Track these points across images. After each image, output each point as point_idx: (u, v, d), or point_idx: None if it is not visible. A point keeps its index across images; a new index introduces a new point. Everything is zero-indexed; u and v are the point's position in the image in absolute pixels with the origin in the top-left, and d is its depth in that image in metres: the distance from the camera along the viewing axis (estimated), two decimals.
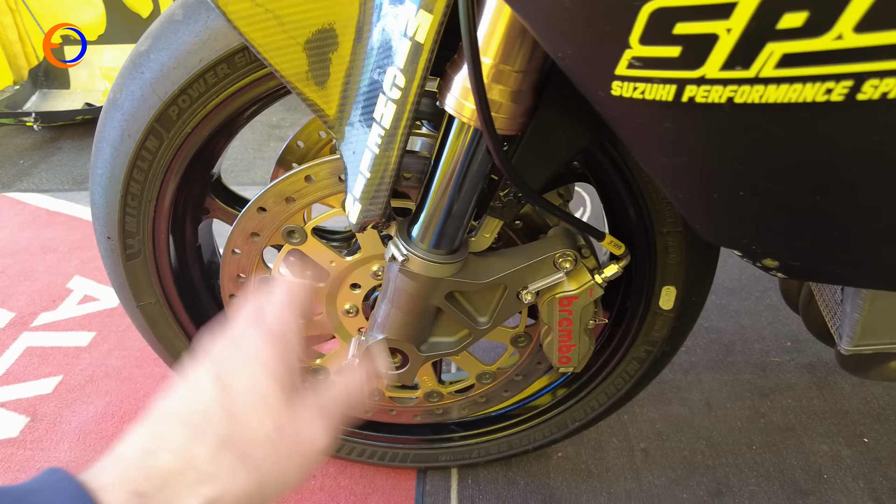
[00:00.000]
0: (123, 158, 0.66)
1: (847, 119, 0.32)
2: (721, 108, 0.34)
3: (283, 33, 0.53)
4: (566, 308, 0.65)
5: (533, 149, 0.55)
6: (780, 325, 1.30)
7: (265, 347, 0.39)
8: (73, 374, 1.21)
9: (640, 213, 0.66)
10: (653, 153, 0.40)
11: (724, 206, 0.41)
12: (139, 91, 0.63)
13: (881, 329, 0.55)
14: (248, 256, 0.70)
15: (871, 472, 1.00)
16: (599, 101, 0.38)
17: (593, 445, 1.05)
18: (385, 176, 0.54)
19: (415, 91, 0.50)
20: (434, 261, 0.58)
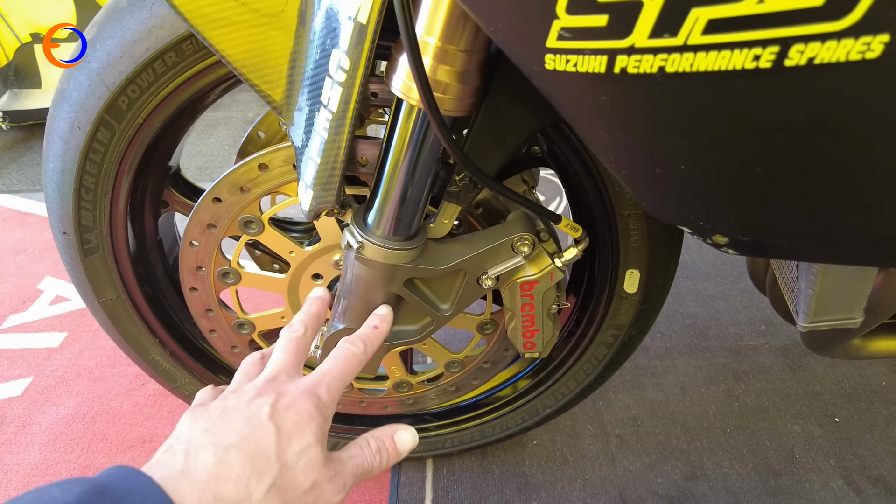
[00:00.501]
0: (74, 151, 0.65)
1: (777, 86, 0.32)
2: (653, 78, 0.33)
3: (226, 19, 0.52)
4: (527, 293, 0.65)
5: (486, 131, 0.54)
6: (755, 309, 1.31)
7: (316, 416, 0.46)
8: (44, 375, 1.19)
9: (600, 196, 0.65)
10: (592, 129, 0.39)
11: (667, 181, 0.40)
12: (87, 81, 0.61)
13: (834, 304, 0.55)
14: (206, 248, 0.69)
15: (841, 450, 1.01)
16: (536, 77, 0.38)
17: (568, 432, 1.05)
18: (336, 161, 0.54)
19: (361, 73, 0.49)
20: (390, 247, 0.57)
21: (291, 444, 0.43)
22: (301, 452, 0.43)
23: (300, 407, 0.45)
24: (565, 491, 0.96)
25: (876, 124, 0.32)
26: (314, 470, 0.44)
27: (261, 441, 0.42)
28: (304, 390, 0.47)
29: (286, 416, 0.44)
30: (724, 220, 0.43)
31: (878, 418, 1.07)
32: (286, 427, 0.44)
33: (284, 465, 0.42)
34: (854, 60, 0.29)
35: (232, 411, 0.45)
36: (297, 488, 0.43)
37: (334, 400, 0.48)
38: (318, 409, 0.46)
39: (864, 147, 0.33)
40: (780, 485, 0.97)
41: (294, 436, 0.44)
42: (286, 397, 0.46)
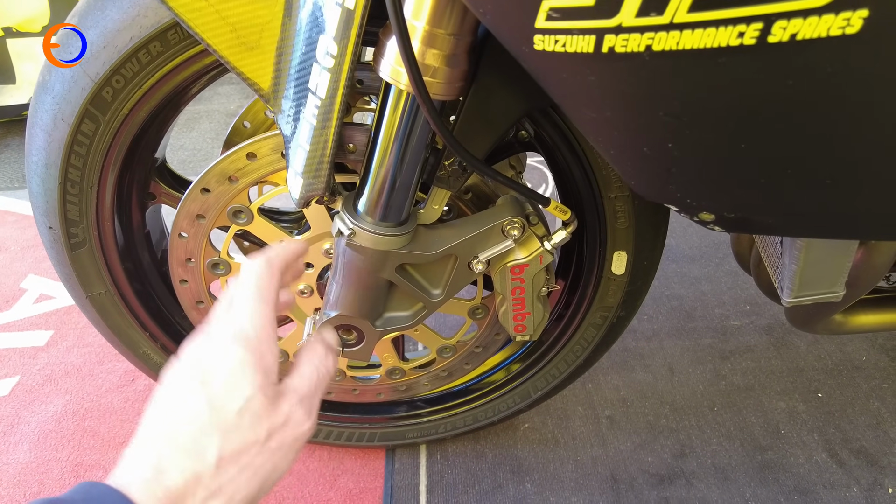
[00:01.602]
0: (59, 144, 0.64)
1: (761, 63, 0.33)
2: (641, 56, 0.34)
3: (210, 6, 0.51)
4: (518, 276, 0.65)
5: (475, 115, 0.55)
6: (739, 289, 1.33)
7: (249, 359, 0.42)
8: (31, 374, 1.18)
9: (587, 178, 0.66)
10: (581, 109, 0.40)
11: (654, 159, 0.41)
12: (69, 73, 0.60)
13: (817, 278, 0.57)
14: (195, 239, 0.69)
15: (824, 424, 1.04)
16: (525, 58, 0.38)
17: (559, 415, 1.06)
18: (325, 148, 0.54)
19: (349, 58, 0.49)
20: (381, 233, 0.57)
21: (227, 406, 0.40)
22: (241, 410, 0.40)
23: (228, 357, 0.42)
24: (557, 472, 0.97)
25: (856, 98, 0.33)
26: (263, 420, 0.41)
27: (192, 418, 0.40)
28: (229, 335, 0.43)
29: (214, 376, 0.41)
30: (711, 198, 0.44)
31: (860, 393, 1.09)
32: (216, 389, 0.40)
33: (226, 432, 0.40)
34: (835, 36, 0.30)
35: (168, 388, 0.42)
36: (253, 445, 0.41)
37: (265, 328, 0.44)
38: (248, 349, 0.42)
39: (845, 122, 0.34)
40: (766, 459, 0.99)
41: (227, 396, 0.40)
42: (212, 349, 0.42)
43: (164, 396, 0.42)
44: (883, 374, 1.13)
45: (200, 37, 0.52)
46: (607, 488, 0.95)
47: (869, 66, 0.31)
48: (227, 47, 0.53)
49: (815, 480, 0.96)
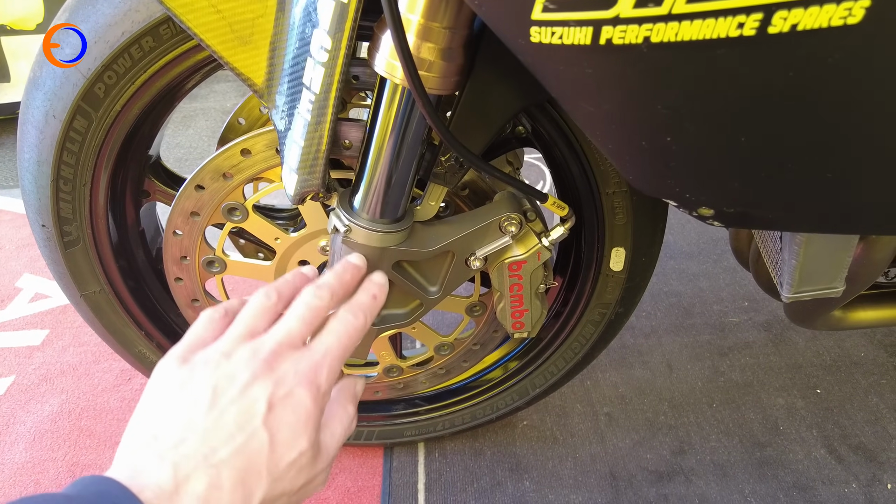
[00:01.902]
0: (50, 141, 0.63)
1: (761, 54, 0.32)
2: (639, 48, 0.33)
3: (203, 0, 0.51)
4: (516, 273, 0.65)
5: (471, 110, 0.54)
6: (738, 286, 1.33)
7: (313, 412, 0.42)
8: (26, 373, 1.17)
9: (585, 174, 0.65)
10: (578, 102, 0.39)
11: (653, 154, 0.41)
12: (60, 69, 0.60)
13: (816, 274, 0.56)
14: (189, 237, 0.68)
15: (823, 421, 1.04)
16: (521, 51, 0.38)
17: (558, 412, 1.06)
18: (320, 143, 0.53)
19: (343, 53, 0.49)
20: (377, 230, 0.57)
21: (285, 456, 0.40)
22: (293, 462, 0.41)
23: (297, 403, 0.41)
24: (556, 470, 0.97)
25: (858, 90, 0.32)
26: (304, 474, 0.42)
27: (253, 455, 0.39)
28: (305, 378, 0.42)
29: (282, 418, 0.40)
30: (710, 192, 0.43)
31: (858, 388, 1.09)
32: (281, 435, 0.40)
33: (275, 479, 0.40)
34: (836, 26, 0.30)
35: (223, 401, 0.39)
36: (286, 495, 0.41)
37: (332, 385, 0.44)
38: (316, 403, 0.42)
39: (847, 114, 0.34)
40: (765, 456, 0.99)
41: (288, 444, 0.40)
42: (284, 385, 0.41)
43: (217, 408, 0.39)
44: (881, 370, 1.13)
45: (193, 32, 0.52)
46: (606, 486, 0.95)
47: (871, 56, 0.31)
48: (220, 42, 0.52)
49: (814, 476, 0.95)
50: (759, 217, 0.45)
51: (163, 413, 0.40)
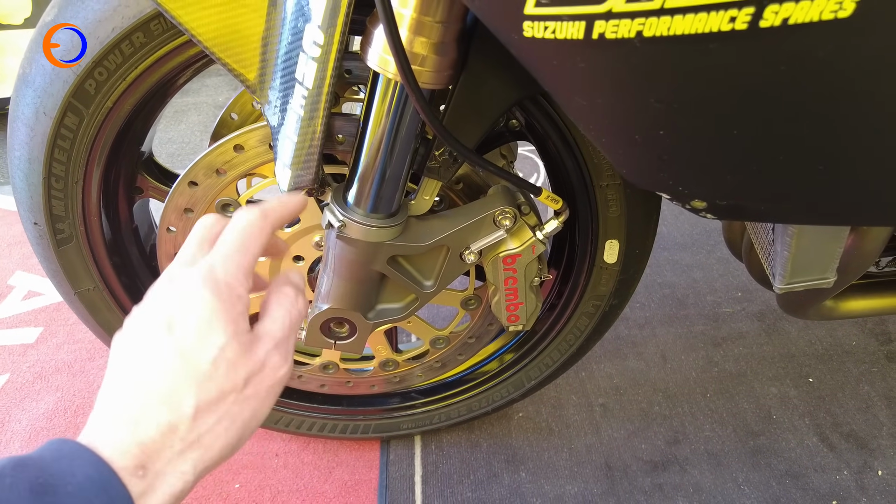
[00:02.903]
0: (41, 138, 0.63)
1: (754, 48, 0.32)
2: (631, 42, 0.33)
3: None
4: (510, 266, 0.65)
5: (465, 104, 0.54)
6: (731, 276, 1.34)
7: (219, 306, 0.40)
8: (21, 371, 1.17)
9: (579, 167, 0.66)
10: (572, 97, 0.39)
11: (646, 147, 0.41)
12: (50, 65, 0.59)
13: (808, 265, 0.57)
14: (183, 234, 0.68)
15: (815, 409, 1.05)
16: (514, 45, 0.38)
17: (553, 403, 1.06)
18: (314, 139, 0.53)
19: (336, 48, 0.48)
20: (372, 225, 0.57)
21: (201, 356, 0.38)
22: (216, 359, 0.39)
23: (196, 303, 0.39)
24: (552, 461, 0.98)
25: (849, 83, 0.32)
26: (239, 367, 0.40)
27: (166, 370, 0.38)
28: (198, 278, 0.40)
29: (184, 326, 0.39)
30: (703, 185, 0.44)
31: (850, 377, 1.10)
32: (188, 340, 0.39)
33: (202, 381, 0.38)
34: (827, 20, 0.30)
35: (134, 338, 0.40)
36: (230, 393, 0.39)
37: (238, 276, 0.42)
38: (220, 296, 0.40)
39: (838, 107, 0.34)
40: (758, 445, 1.00)
41: (200, 346, 0.39)
42: (178, 296, 0.40)
43: (129, 347, 0.40)
44: (872, 359, 1.14)
45: (184, 27, 0.51)
46: (601, 476, 0.95)
47: (862, 50, 0.31)
48: (212, 37, 0.52)
49: (807, 464, 0.97)
50: (752, 209, 0.45)
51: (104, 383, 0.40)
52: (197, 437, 0.38)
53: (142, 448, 0.36)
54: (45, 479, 0.33)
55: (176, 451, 0.37)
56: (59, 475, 0.34)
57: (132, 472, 0.36)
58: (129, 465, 0.36)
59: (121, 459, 0.36)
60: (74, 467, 0.34)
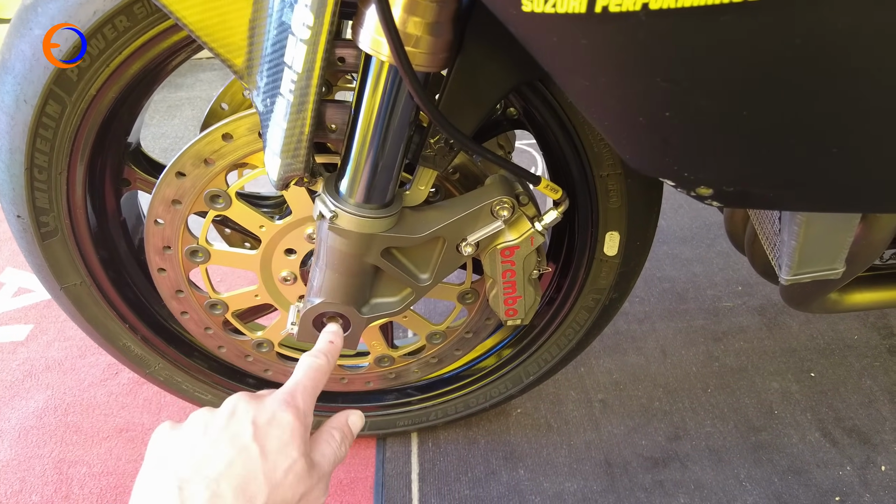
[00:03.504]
0: (22, 127, 0.61)
1: (767, 19, 0.30)
2: (637, 16, 0.31)
3: None
4: (508, 259, 0.63)
5: (461, 89, 0.52)
6: (732, 270, 1.32)
7: (297, 427, 0.47)
8: (10, 369, 1.15)
9: (578, 156, 0.64)
10: (573, 76, 0.37)
11: (650, 130, 0.39)
12: (30, 51, 0.57)
13: (817, 255, 0.55)
14: (171, 226, 0.66)
15: (817, 404, 1.03)
16: (513, 21, 0.36)
17: (552, 399, 1.05)
18: (303, 125, 0.51)
19: (326, 29, 0.46)
20: (364, 216, 0.55)
21: (278, 463, 0.44)
22: (288, 469, 0.45)
23: (281, 420, 0.46)
24: (551, 457, 0.96)
25: (868, 57, 0.31)
26: (301, 483, 0.45)
27: (248, 465, 0.43)
28: (282, 401, 0.48)
29: (269, 433, 0.45)
30: (709, 170, 0.42)
31: (852, 371, 1.09)
32: (270, 445, 0.45)
33: (274, 486, 0.43)
34: None
35: (213, 430, 0.45)
36: (288, 501, 0.44)
37: (310, 409, 0.50)
38: (298, 419, 0.47)
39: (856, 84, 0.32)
40: (760, 440, 0.98)
41: (280, 453, 0.45)
42: (265, 411, 0.47)
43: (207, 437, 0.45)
44: (874, 353, 1.12)
45: (168, 9, 0.49)
46: (601, 473, 0.94)
47: (883, 22, 0.29)
48: (198, 20, 0.50)
49: (809, 460, 0.95)
50: (760, 196, 0.43)
51: (161, 457, 0.45)
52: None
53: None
54: None
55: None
56: None
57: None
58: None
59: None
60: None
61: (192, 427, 0.46)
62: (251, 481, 0.43)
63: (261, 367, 0.84)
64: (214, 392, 0.89)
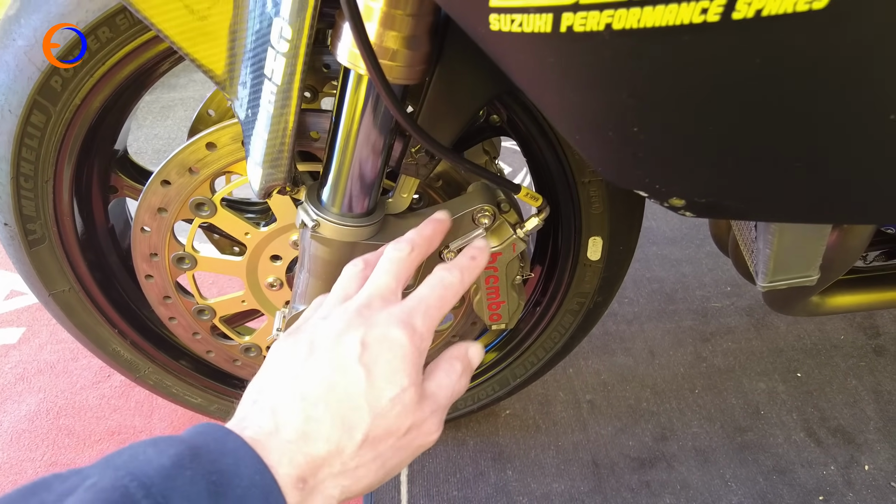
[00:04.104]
0: (7, 137, 0.61)
1: (727, 40, 0.31)
2: (601, 35, 0.32)
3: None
4: (491, 265, 0.64)
5: (440, 100, 0.53)
6: (720, 271, 1.33)
7: (411, 350, 0.41)
8: (2, 373, 1.15)
9: (560, 164, 0.64)
10: (543, 93, 0.38)
11: (620, 144, 0.40)
12: (13, 61, 0.57)
13: (791, 262, 0.56)
14: (158, 233, 0.67)
15: (803, 404, 1.04)
16: (482, 40, 0.36)
17: (540, 400, 1.06)
18: (284, 136, 0.52)
19: (304, 43, 0.47)
20: (346, 224, 0.56)
21: (385, 391, 0.39)
22: (395, 398, 0.39)
23: (392, 341, 0.41)
24: (539, 458, 0.97)
25: (824, 76, 0.31)
26: (409, 414, 0.40)
27: (350, 390, 0.39)
28: (398, 319, 0.42)
29: (377, 355, 0.40)
30: (680, 182, 0.43)
31: (838, 371, 1.10)
32: (378, 370, 0.40)
33: (377, 415, 0.39)
34: (801, 11, 0.29)
35: (319, 350, 0.41)
36: (392, 435, 0.40)
37: (430, 332, 0.44)
38: (413, 343, 0.41)
39: (814, 102, 0.33)
40: (746, 440, 0.99)
41: (387, 380, 0.40)
42: (377, 329, 0.41)
43: (313, 356, 0.40)
44: (860, 353, 1.13)
45: (149, 21, 0.50)
46: (589, 473, 0.95)
47: (837, 42, 0.30)
48: (179, 32, 0.50)
49: (794, 459, 0.96)
50: (731, 207, 0.44)
51: (267, 374, 0.41)
52: (355, 466, 0.39)
53: (308, 461, 0.37)
54: (217, 478, 0.33)
55: (333, 473, 0.38)
56: (228, 474, 0.33)
57: (293, 484, 0.36)
58: (293, 476, 0.36)
59: (286, 468, 0.36)
60: (241, 468, 0.34)
61: (301, 344, 0.42)
62: (352, 408, 0.38)
63: (249, 371, 0.84)
64: (204, 395, 0.89)
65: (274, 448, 0.36)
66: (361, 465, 0.39)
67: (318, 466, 0.37)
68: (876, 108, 0.33)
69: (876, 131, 0.34)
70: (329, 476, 0.38)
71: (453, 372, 0.46)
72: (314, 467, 0.37)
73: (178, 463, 0.32)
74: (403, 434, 0.40)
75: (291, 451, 0.36)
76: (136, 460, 0.32)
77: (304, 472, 0.36)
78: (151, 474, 0.31)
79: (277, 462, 0.35)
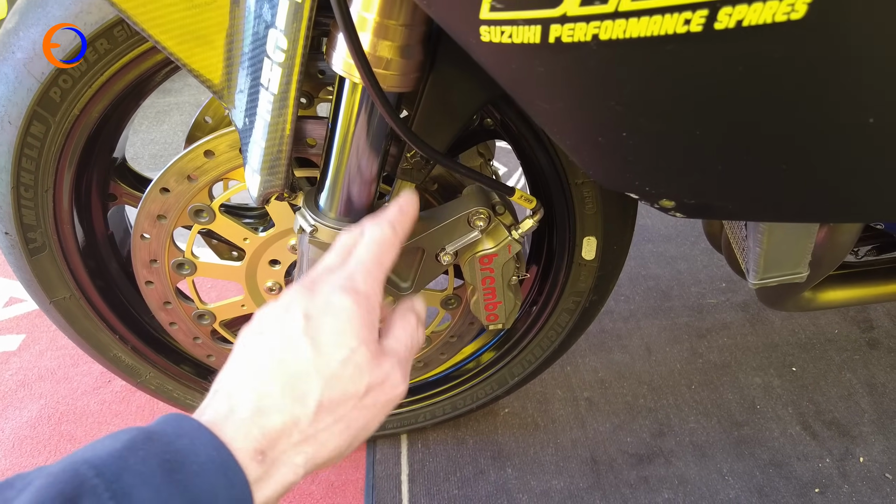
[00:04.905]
0: (8, 147, 0.62)
1: (709, 50, 0.32)
2: (588, 46, 0.33)
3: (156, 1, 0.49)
4: (487, 266, 0.65)
5: (434, 106, 0.54)
6: (715, 267, 1.34)
7: (356, 312, 0.41)
8: (3, 380, 1.16)
9: (553, 165, 0.65)
10: (533, 100, 0.39)
11: (610, 149, 0.41)
12: (13, 73, 0.58)
13: (780, 260, 0.57)
14: (157, 240, 0.67)
15: (798, 398, 1.06)
16: (473, 50, 0.37)
17: (538, 398, 1.07)
18: (281, 144, 0.52)
19: (300, 52, 0.48)
20: (342, 229, 0.56)
21: (333, 355, 0.40)
22: (346, 360, 0.40)
23: (335, 306, 0.41)
24: (538, 456, 0.98)
25: (804, 83, 0.32)
26: (365, 373, 0.41)
27: (299, 361, 0.39)
28: (338, 286, 0.42)
29: (321, 323, 0.40)
30: (669, 185, 0.43)
31: (832, 365, 1.11)
32: (323, 337, 0.40)
33: (329, 379, 0.39)
34: (780, 22, 0.30)
35: (267, 331, 0.41)
36: (351, 397, 0.40)
37: (376, 289, 0.44)
38: (358, 304, 0.41)
39: (796, 107, 0.34)
40: (742, 435, 1.00)
41: (334, 344, 0.40)
42: (318, 298, 0.42)
43: (261, 337, 0.41)
44: (854, 346, 1.15)
45: (146, 33, 0.51)
46: (587, 470, 0.96)
47: (816, 51, 0.31)
48: (176, 43, 0.51)
49: (790, 453, 0.97)
50: (720, 208, 0.45)
51: (227, 365, 0.42)
52: (315, 433, 0.39)
53: (264, 434, 0.37)
54: (171, 456, 0.33)
55: (293, 443, 0.38)
56: (184, 453, 0.34)
57: (251, 457, 0.36)
58: (250, 450, 0.36)
59: (242, 443, 0.36)
60: (197, 446, 0.34)
61: (254, 327, 0.42)
62: (302, 377, 0.39)
63: None
64: None
65: (229, 427, 0.37)
66: (322, 429, 0.39)
67: (275, 438, 0.37)
68: (855, 112, 0.34)
69: (856, 134, 0.35)
70: (290, 446, 0.38)
71: (408, 325, 0.47)
72: (272, 440, 0.37)
73: (131, 446, 0.33)
74: (364, 394, 0.41)
75: (247, 426, 0.37)
76: (91, 449, 0.33)
77: (262, 444, 0.37)
78: (104, 457, 0.32)
79: (232, 438, 0.36)
